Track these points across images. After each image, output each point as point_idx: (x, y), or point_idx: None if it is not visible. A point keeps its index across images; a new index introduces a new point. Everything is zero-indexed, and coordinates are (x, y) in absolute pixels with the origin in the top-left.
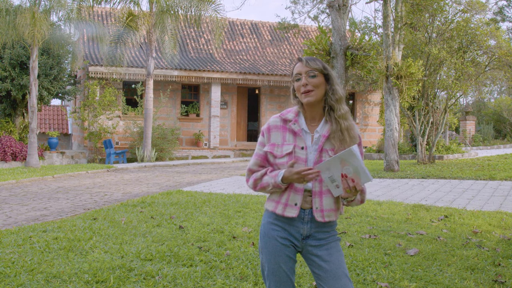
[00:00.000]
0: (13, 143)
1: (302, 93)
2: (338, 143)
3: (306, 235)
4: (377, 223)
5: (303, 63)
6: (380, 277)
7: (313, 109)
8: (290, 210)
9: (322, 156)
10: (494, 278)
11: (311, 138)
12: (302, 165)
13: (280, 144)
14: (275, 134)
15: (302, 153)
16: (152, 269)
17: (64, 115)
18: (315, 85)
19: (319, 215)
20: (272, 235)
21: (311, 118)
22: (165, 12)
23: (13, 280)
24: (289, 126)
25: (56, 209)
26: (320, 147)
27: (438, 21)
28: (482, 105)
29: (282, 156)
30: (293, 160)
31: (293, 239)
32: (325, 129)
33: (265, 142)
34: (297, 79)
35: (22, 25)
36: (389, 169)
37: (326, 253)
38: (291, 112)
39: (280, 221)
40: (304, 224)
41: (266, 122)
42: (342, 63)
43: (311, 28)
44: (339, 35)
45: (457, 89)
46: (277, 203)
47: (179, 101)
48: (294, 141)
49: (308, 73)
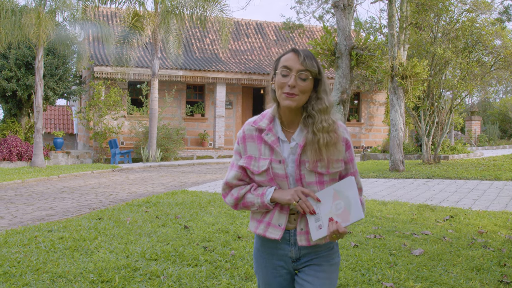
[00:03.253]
0: (18, 143)
1: (284, 93)
2: (313, 156)
3: (295, 257)
4: (382, 223)
5: (298, 58)
6: (385, 277)
7: (291, 114)
8: (273, 231)
9: (301, 169)
10: (500, 279)
11: (288, 148)
12: (283, 182)
13: (257, 158)
14: (251, 145)
15: (281, 168)
16: (157, 269)
17: (70, 115)
18: (302, 90)
19: (303, 238)
20: (262, 263)
21: (288, 122)
22: (170, 12)
23: (18, 280)
24: (263, 138)
25: (62, 209)
26: (297, 159)
27: (443, 21)
28: (488, 105)
29: (260, 173)
30: (271, 176)
31: (283, 263)
32: (301, 137)
33: (241, 152)
34: (284, 74)
35: (27, 25)
36: (394, 169)
37: (313, 273)
38: (265, 118)
39: (267, 246)
40: (291, 246)
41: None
42: (347, 63)
43: (316, 28)
44: (344, 35)
45: (462, 89)
46: (259, 223)
47: (184, 101)
48: (271, 154)
49: (300, 74)
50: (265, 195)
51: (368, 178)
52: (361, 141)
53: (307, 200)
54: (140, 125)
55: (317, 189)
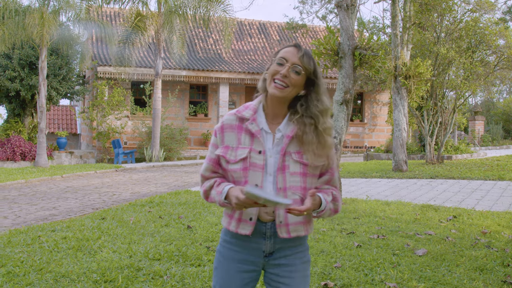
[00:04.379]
0: (22, 143)
1: (275, 80)
2: (312, 155)
3: (269, 251)
4: (386, 223)
5: (297, 53)
6: (388, 277)
7: (277, 105)
8: (244, 226)
9: (285, 160)
10: (503, 279)
11: (272, 138)
12: (259, 172)
13: (234, 147)
14: (230, 135)
15: (259, 159)
16: (160, 268)
17: (73, 115)
18: (293, 83)
19: (283, 230)
20: (229, 256)
21: (274, 115)
22: (174, 12)
23: (22, 280)
24: (246, 126)
25: (65, 208)
26: (283, 149)
27: (446, 21)
28: (491, 105)
29: (236, 161)
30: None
31: (254, 258)
32: (289, 129)
33: (218, 144)
34: (280, 62)
35: (31, 26)
36: (397, 169)
37: (287, 275)
38: (249, 109)
39: (238, 238)
40: (267, 239)
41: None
42: (351, 63)
43: (319, 28)
44: (348, 35)
45: (466, 89)
46: (230, 218)
47: (187, 101)
48: (251, 144)
49: (295, 67)
50: (222, 194)
51: (371, 178)
52: (364, 141)
53: (250, 199)
54: (143, 125)
55: (301, 180)
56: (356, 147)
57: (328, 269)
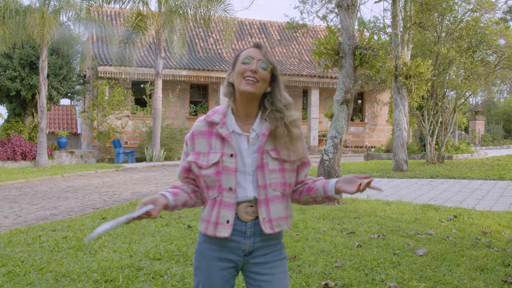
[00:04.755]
0: (22, 142)
1: (245, 77)
2: (284, 148)
3: (248, 251)
4: (386, 223)
5: (260, 51)
6: (388, 277)
7: (248, 104)
8: (222, 229)
9: (264, 158)
10: (504, 279)
11: (246, 139)
12: (232, 175)
13: (206, 153)
14: (200, 141)
15: (231, 162)
16: (161, 268)
17: (73, 114)
18: (262, 78)
19: (267, 226)
20: (208, 255)
21: (245, 115)
22: (174, 12)
23: (22, 279)
24: (216, 130)
25: (65, 208)
26: (260, 147)
27: (447, 21)
28: (492, 105)
29: (208, 166)
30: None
31: (233, 256)
32: (263, 127)
33: (189, 152)
34: (246, 61)
35: (31, 25)
36: (398, 169)
37: (268, 272)
38: (218, 113)
39: (218, 239)
40: (247, 238)
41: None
42: (351, 63)
43: (319, 28)
44: (348, 34)
45: (466, 89)
46: (207, 223)
47: (187, 100)
48: (222, 148)
49: (261, 63)
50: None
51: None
52: (364, 140)
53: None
54: (144, 124)
55: (280, 176)
56: (356, 146)
57: (328, 269)
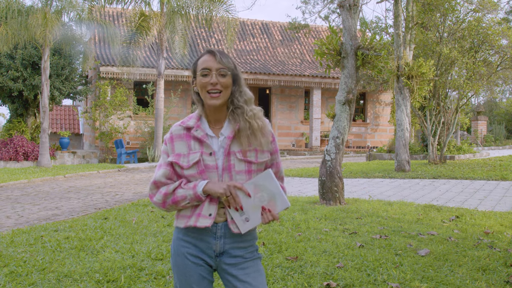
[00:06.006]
0: (25, 143)
1: (209, 91)
2: (247, 142)
3: (219, 251)
4: (388, 223)
5: (215, 58)
6: (390, 277)
7: (217, 111)
8: (203, 220)
9: (230, 159)
10: (506, 279)
11: (217, 142)
12: (213, 173)
13: (186, 154)
14: (179, 143)
15: (211, 160)
16: (163, 268)
17: (76, 115)
18: (224, 86)
19: (235, 226)
20: (182, 252)
21: (215, 120)
22: (176, 13)
23: (24, 279)
24: (192, 134)
25: (68, 208)
26: (226, 149)
27: (449, 21)
28: (494, 105)
29: (190, 166)
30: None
31: (205, 257)
32: (228, 130)
33: (168, 152)
34: (204, 74)
35: (34, 26)
36: (400, 169)
37: (242, 272)
38: (192, 119)
39: (190, 236)
40: (217, 239)
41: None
42: (353, 63)
43: (321, 28)
44: (350, 35)
45: (468, 89)
46: (189, 218)
47: (189, 101)
48: (201, 148)
49: (220, 71)
50: (198, 186)
51: (374, 178)
52: (366, 141)
53: (237, 196)
54: (146, 125)
55: (246, 178)
56: (358, 147)
57: (330, 269)
